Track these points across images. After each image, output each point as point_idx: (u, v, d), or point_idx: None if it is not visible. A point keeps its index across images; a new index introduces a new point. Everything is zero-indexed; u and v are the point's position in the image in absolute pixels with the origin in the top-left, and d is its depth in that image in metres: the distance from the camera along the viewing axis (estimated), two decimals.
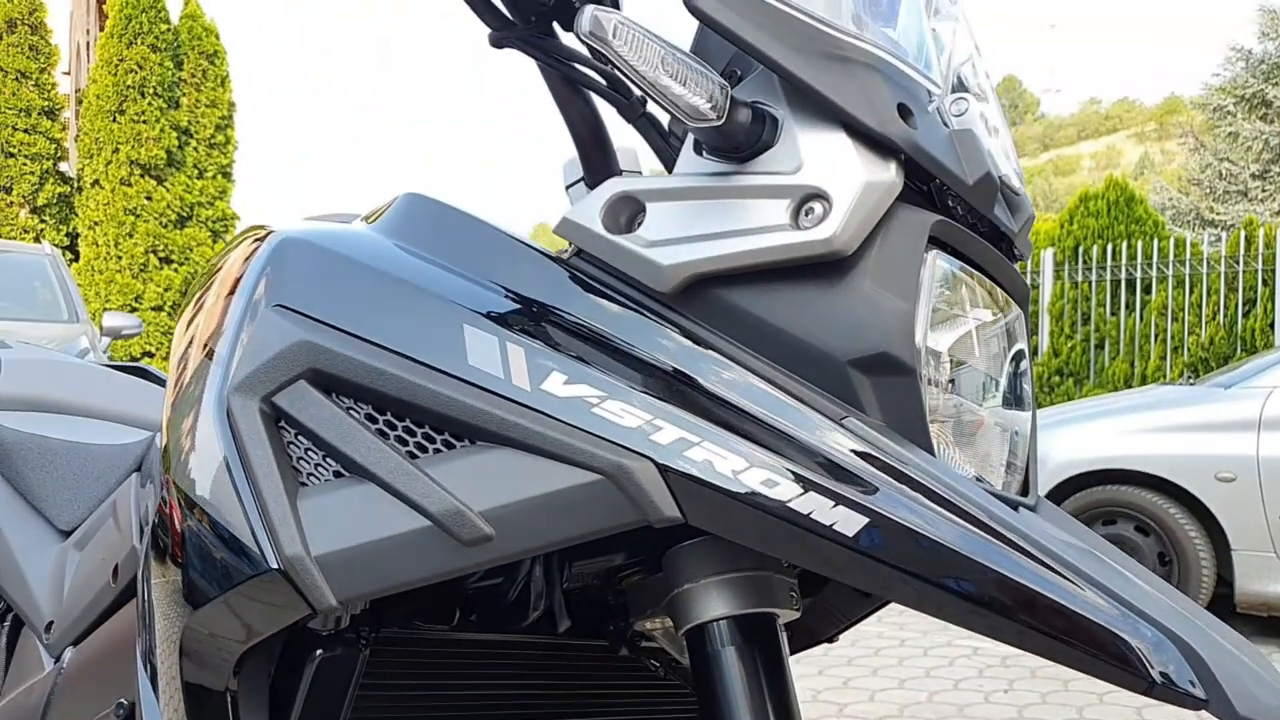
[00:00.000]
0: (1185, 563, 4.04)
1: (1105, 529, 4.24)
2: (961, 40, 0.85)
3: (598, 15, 0.60)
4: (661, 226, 0.68)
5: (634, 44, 0.60)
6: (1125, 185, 9.70)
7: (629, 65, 0.61)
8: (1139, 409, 4.49)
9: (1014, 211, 0.75)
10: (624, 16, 0.60)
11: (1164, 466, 4.11)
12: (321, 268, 0.73)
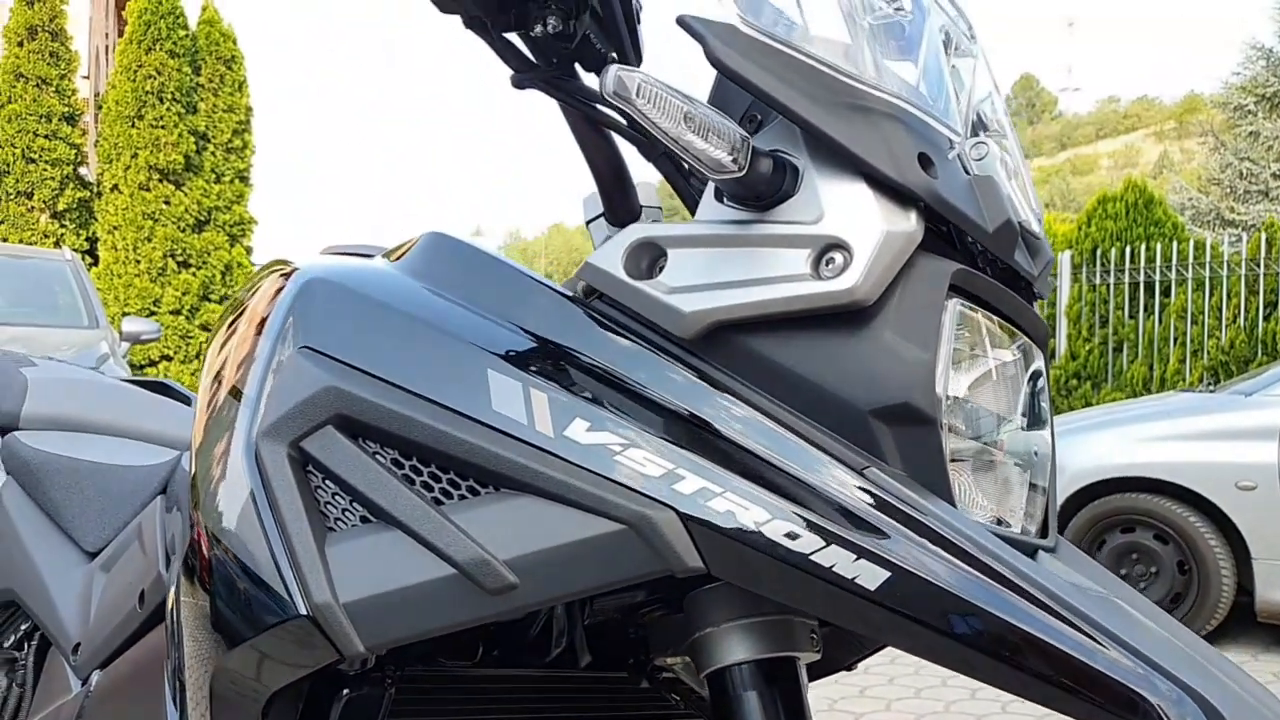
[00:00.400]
0: (1205, 572, 4.01)
1: (1124, 537, 4.22)
2: (980, 76, 0.85)
3: (621, 76, 0.61)
4: (683, 273, 0.69)
5: (656, 101, 0.61)
6: (1144, 187, 9.63)
7: (652, 123, 0.61)
8: (1158, 416, 4.46)
9: (1034, 255, 0.75)
10: (646, 75, 0.61)
11: (1184, 475, 4.08)
12: (347, 309, 0.74)
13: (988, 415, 0.71)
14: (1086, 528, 4.28)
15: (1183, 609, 4.07)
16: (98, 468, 1.37)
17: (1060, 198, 56.08)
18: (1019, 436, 0.73)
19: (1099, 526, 4.27)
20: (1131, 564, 4.22)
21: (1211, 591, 3.99)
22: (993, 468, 0.72)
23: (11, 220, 8.49)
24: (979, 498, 0.71)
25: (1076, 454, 4.37)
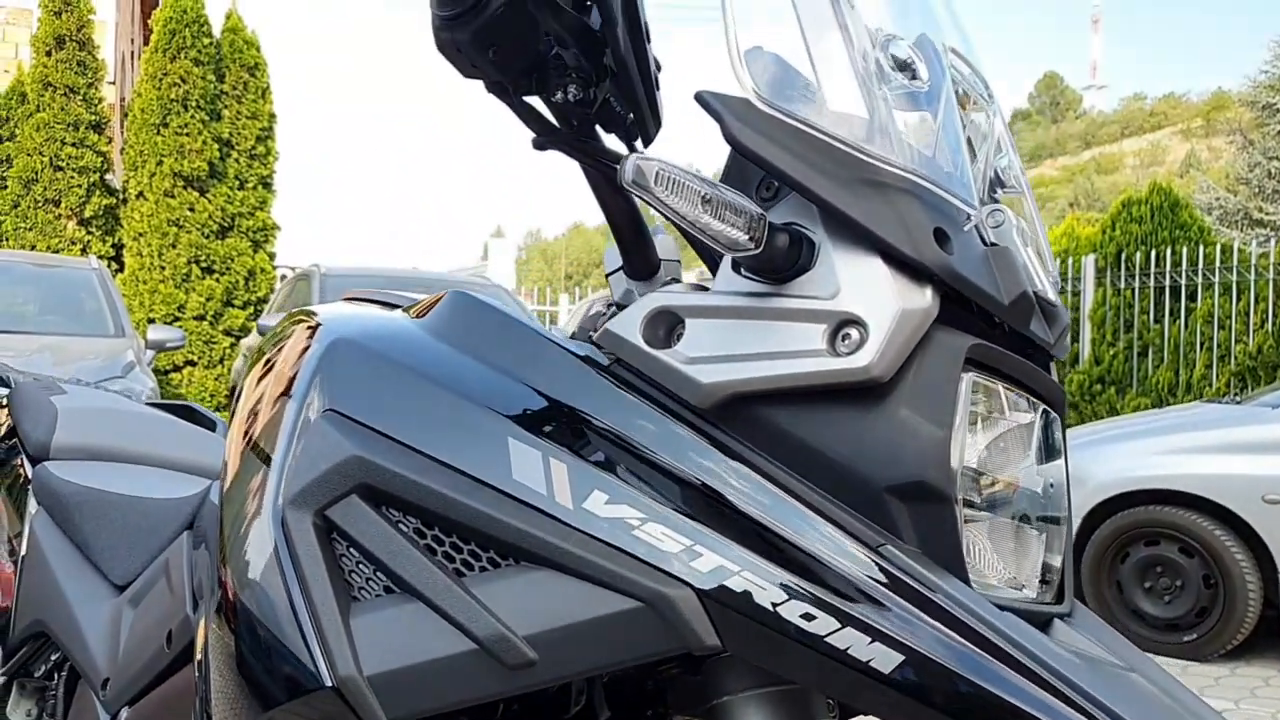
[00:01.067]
0: (1231, 586, 3.97)
1: (1148, 550, 4.19)
2: (998, 128, 0.85)
3: (639, 165, 0.61)
4: (701, 343, 0.69)
5: (674, 187, 0.62)
6: (1169, 190, 9.54)
7: (669, 209, 0.62)
8: (1183, 428, 4.42)
9: (1050, 322, 0.75)
10: (663, 162, 0.62)
11: (1209, 487, 4.04)
12: (373, 373, 0.76)
13: (1004, 482, 0.71)
14: (1110, 540, 4.25)
15: (1208, 623, 4.03)
16: (126, 500, 1.39)
17: (1085, 197, 55.61)
18: (1036, 500, 0.73)
19: (1123, 539, 4.24)
20: (1156, 577, 4.18)
21: (1238, 606, 3.95)
22: (1009, 531, 0.72)
23: (39, 227, 8.60)
24: (995, 560, 0.71)
25: (1100, 465, 4.33)
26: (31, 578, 1.40)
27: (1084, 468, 4.36)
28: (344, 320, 0.87)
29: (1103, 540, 4.27)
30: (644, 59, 0.76)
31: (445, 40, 0.77)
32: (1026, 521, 0.72)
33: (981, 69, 0.86)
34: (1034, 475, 0.73)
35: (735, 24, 0.70)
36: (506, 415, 0.71)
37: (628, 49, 0.73)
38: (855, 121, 0.68)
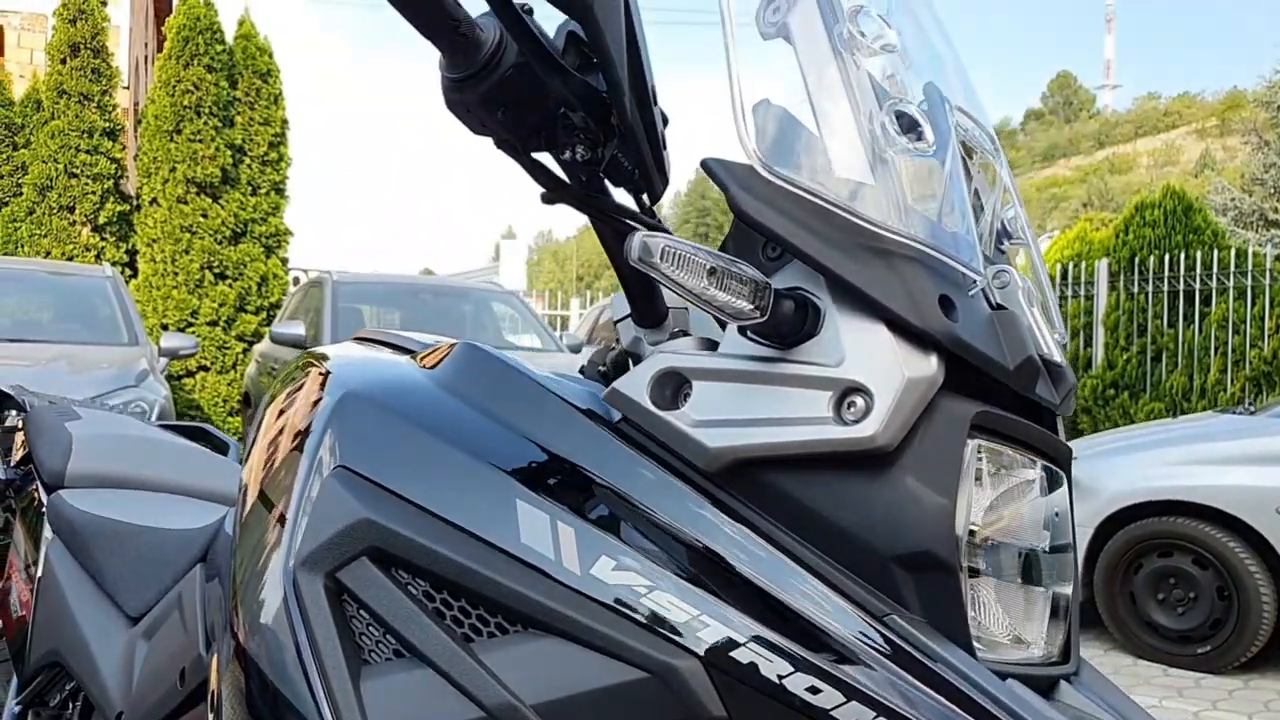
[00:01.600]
0: (1245, 598, 3.95)
1: (1161, 561, 4.17)
2: (1004, 179, 0.85)
3: (646, 242, 0.62)
4: (707, 406, 0.70)
5: (679, 262, 0.62)
6: (1183, 194, 9.49)
7: (675, 283, 0.62)
8: (1196, 439, 4.39)
9: (1056, 382, 0.75)
10: (669, 238, 0.62)
11: (1223, 499, 4.02)
12: (383, 429, 0.76)
13: (1010, 541, 0.71)
14: (1123, 551, 4.24)
15: (1222, 635, 4.01)
16: (139, 531, 1.40)
17: (1098, 197, 55.32)
18: (1042, 558, 0.73)
19: (1136, 550, 4.22)
20: (1170, 588, 4.16)
21: (1251, 618, 3.93)
22: (1016, 589, 0.72)
23: (54, 234, 8.65)
24: (1002, 615, 0.71)
25: (1113, 476, 4.32)
26: (47, 606, 1.41)
27: (1097, 478, 4.34)
28: (355, 370, 0.88)
29: (1116, 551, 4.25)
30: (650, 122, 0.76)
31: (454, 100, 0.78)
32: (1033, 580, 0.72)
33: (987, 121, 0.86)
34: (1040, 533, 0.73)
35: (740, 83, 0.71)
36: (515, 475, 0.71)
37: (634, 114, 0.74)
38: (861, 187, 0.68)
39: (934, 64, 0.86)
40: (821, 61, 0.73)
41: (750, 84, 0.78)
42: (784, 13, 0.76)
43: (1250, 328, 8.44)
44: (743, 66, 0.73)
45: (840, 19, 0.76)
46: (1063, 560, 0.75)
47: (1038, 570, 0.73)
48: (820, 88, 0.72)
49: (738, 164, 0.70)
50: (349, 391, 0.81)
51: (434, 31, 0.74)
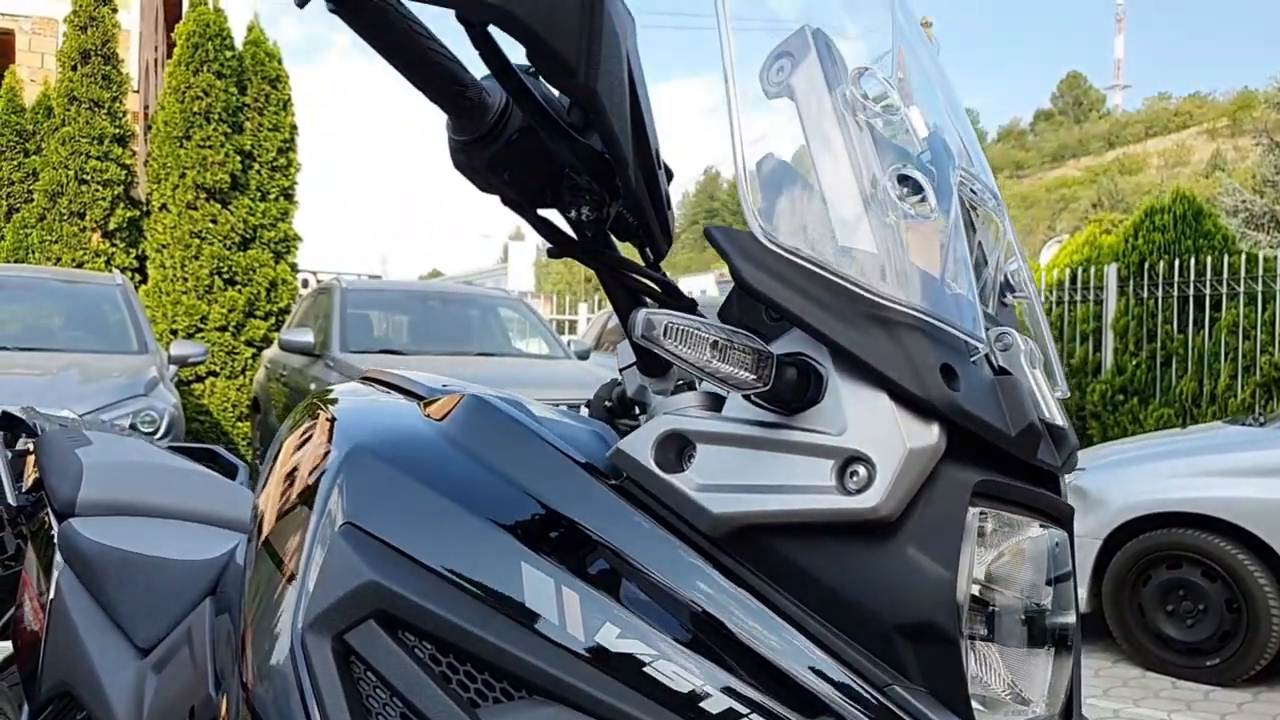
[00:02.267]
0: (1254, 610, 3.94)
1: (1170, 573, 4.16)
2: (1007, 232, 0.85)
3: (649, 318, 0.63)
4: (711, 469, 0.70)
5: (682, 338, 0.63)
6: (1193, 199, 9.45)
7: (679, 359, 0.63)
8: (1205, 450, 4.38)
9: (1058, 444, 0.75)
10: (671, 314, 0.63)
11: (1232, 511, 4.01)
12: (390, 487, 0.77)
13: (1012, 601, 0.71)
14: (1131, 563, 4.23)
15: (1231, 648, 4.00)
16: (150, 561, 1.41)
17: (1108, 198, 55.12)
18: (1045, 618, 0.74)
19: (1144, 562, 4.21)
20: (1178, 600, 4.15)
21: (1260, 630, 3.92)
22: (1019, 649, 0.72)
23: (64, 240, 8.69)
24: (1003, 673, 0.71)
25: (1121, 488, 4.31)
26: (58, 635, 1.42)
27: (1105, 490, 4.34)
28: (362, 421, 0.89)
29: (1124, 563, 4.25)
30: (655, 186, 0.77)
31: (461, 161, 0.79)
32: (1035, 640, 0.73)
33: (988, 174, 0.87)
34: (1042, 590, 0.74)
35: (743, 147, 0.71)
36: (520, 535, 0.72)
37: (638, 182, 0.74)
38: (863, 256, 0.68)
39: (937, 112, 0.87)
40: (824, 123, 0.74)
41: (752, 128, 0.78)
42: (787, 73, 0.77)
43: (1261, 333, 8.41)
44: (748, 120, 0.73)
45: (843, 80, 0.76)
46: (1065, 619, 0.75)
47: (1040, 627, 0.73)
48: (823, 149, 0.73)
49: (740, 231, 0.70)
50: (357, 445, 0.82)
51: (441, 97, 0.75)
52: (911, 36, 0.90)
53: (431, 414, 0.87)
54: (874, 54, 0.92)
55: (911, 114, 0.78)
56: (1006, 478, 0.70)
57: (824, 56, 0.77)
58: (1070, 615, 0.75)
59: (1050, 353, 0.81)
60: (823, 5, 0.92)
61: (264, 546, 0.87)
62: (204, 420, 8.67)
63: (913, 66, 0.88)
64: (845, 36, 0.92)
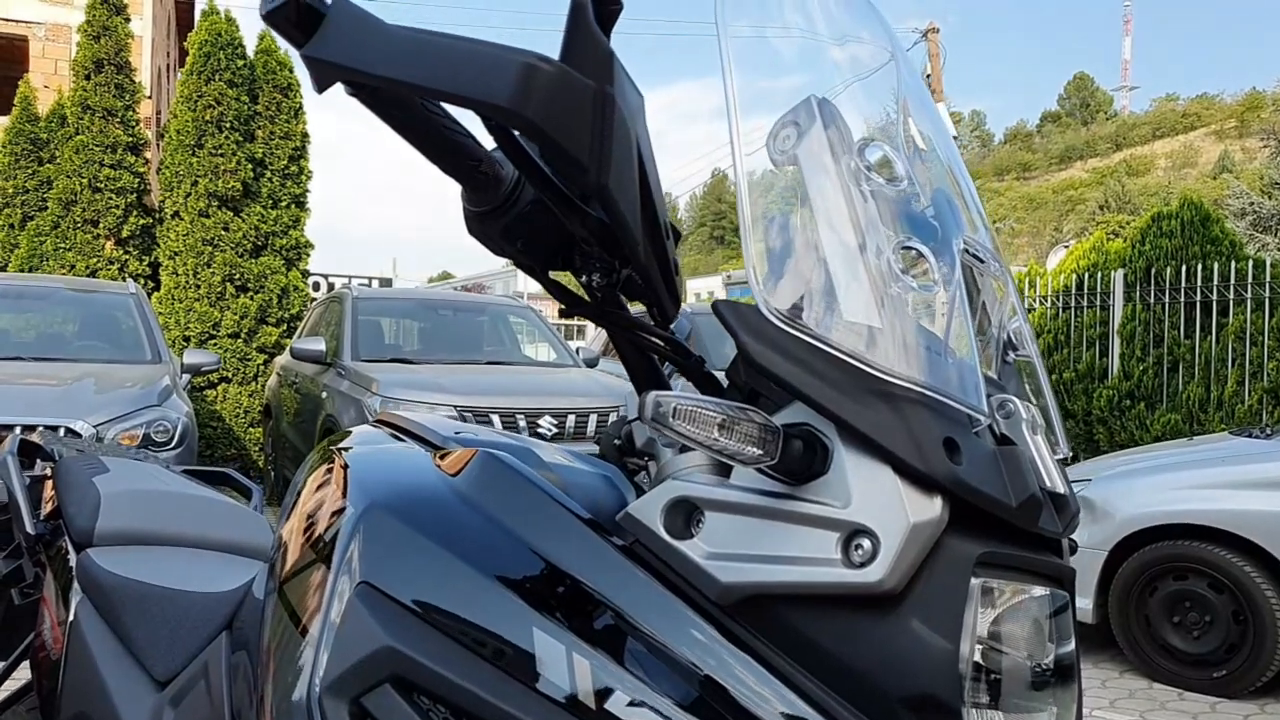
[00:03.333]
0: (1261, 622, 3.95)
1: (1176, 584, 4.17)
2: (1009, 293, 0.88)
3: (658, 401, 0.65)
4: (719, 537, 0.72)
5: (689, 418, 0.65)
6: (1200, 204, 9.44)
7: (688, 439, 0.66)
8: (1211, 462, 4.39)
9: (1059, 510, 0.77)
10: (680, 395, 0.66)
11: (1238, 523, 4.02)
12: (406, 548, 0.79)
13: (1016, 663, 0.73)
14: (1138, 574, 4.24)
15: (1237, 659, 4.01)
16: (167, 594, 1.43)
17: (1115, 199, 54.88)
18: (1048, 679, 0.75)
19: (1151, 573, 4.22)
20: (1185, 612, 4.17)
21: (1267, 642, 3.93)
22: (1022, 711, 0.73)
23: (78, 247, 8.75)
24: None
25: (1127, 499, 4.32)
26: (75, 666, 1.44)
27: (1111, 501, 4.35)
28: (378, 476, 0.91)
29: (1130, 574, 4.26)
30: (663, 256, 0.80)
31: (476, 229, 0.82)
32: (1038, 701, 0.74)
33: (990, 235, 0.89)
34: (1045, 646, 0.75)
35: (750, 227, 0.74)
36: (532, 599, 0.74)
37: (648, 255, 0.77)
38: (867, 330, 0.71)
39: (939, 173, 0.89)
40: (829, 193, 0.76)
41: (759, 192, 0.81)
42: (793, 143, 0.80)
43: (1268, 339, 8.39)
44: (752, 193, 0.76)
45: (849, 151, 0.79)
46: (1068, 681, 0.75)
47: (1044, 690, 0.74)
48: (828, 219, 0.76)
49: (747, 306, 0.73)
50: (373, 503, 0.84)
51: (455, 171, 0.78)
52: (915, 90, 0.93)
53: (445, 468, 0.90)
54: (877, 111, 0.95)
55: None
56: (1009, 545, 0.72)
57: (830, 126, 0.80)
58: (1072, 676, 0.76)
59: (1052, 410, 0.84)
60: (828, 66, 0.94)
61: (282, 597, 0.89)
62: (216, 426, 8.73)
63: (920, 113, 0.90)
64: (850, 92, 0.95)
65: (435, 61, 0.63)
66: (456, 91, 0.63)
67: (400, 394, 5.54)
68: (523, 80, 0.63)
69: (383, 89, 0.70)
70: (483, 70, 0.63)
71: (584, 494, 0.89)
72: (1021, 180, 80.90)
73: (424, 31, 0.65)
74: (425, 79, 0.63)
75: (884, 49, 0.93)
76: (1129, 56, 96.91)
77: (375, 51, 0.63)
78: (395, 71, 0.63)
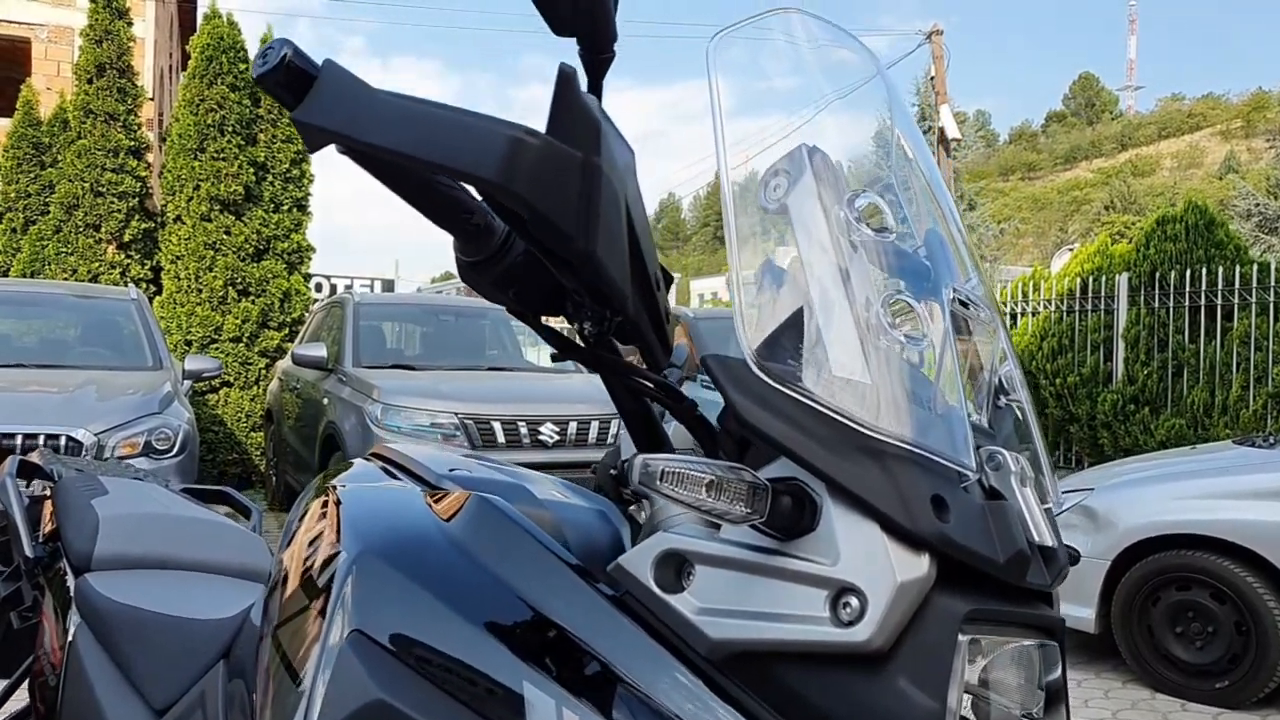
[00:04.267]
0: (1264, 633, 3.94)
1: (1179, 595, 4.16)
2: (1000, 338, 0.87)
3: (647, 464, 0.65)
4: (709, 591, 0.72)
5: (678, 480, 0.65)
6: (1205, 208, 9.43)
7: (674, 499, 0.65)
8: (1214, 472, 4.37)
9: (1048, 563, 0.77)
10: (668, 458, 0.65)
11: (1241, 533, 4.01)
12: (398, 596, 0.79)
13: (1005, 714, 0.73)
14: (1140, 584, 4.23)
15: (1240, 670, 4.00)
16: (164, 621, 1.43)
17: (1120, 199, 54.86)
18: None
19: (1153, 583, 4.21)
20: (1188, 622, 4.15)
21: (1270, 654, 3.92)
22: None
23: (80, 252, 8.77)
24: None
25: (1130, 509, 4.31)
26: (73, 693, 1.45)
27: (1114, 511, 4.34)
28: (372, 520, 0.91)
29: (1133, 584, 4.25)
30: (654, 308, 0.79)
31: (469, 277, 0.82)
32: None
33: (980, 279, 0.88)
34: (1035, 701, 0.75)
35: (741, 284, 0.74)
36: (524, 652, 0.74)
37: (638, 310, 0.76)
38: (856, 386, 0.71)
39: (929, 209, 0.89)
40: (819, 244, 0.76)
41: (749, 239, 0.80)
42: (783, 191, 0.79)
43: (1273, 344, 8.38)
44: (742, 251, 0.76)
45: (840, 201, 0.78)
46: (1055, 703, 0.76)
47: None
48: (817, 271, 0.75)
49: (735, 362, 0.73)
50: (366, 548, 0.84)
51: (447, 223, 0.78)
52: (909, 132, 0.92)
53: (439, 511, 0.90)
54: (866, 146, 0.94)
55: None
56: (997, 600, 0.71)
57: (820, 175, 0.79)
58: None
59: (1041, 458, 0.83)
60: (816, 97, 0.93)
61: (275, 641, 0.89)
62: (218, 431, 8.74)
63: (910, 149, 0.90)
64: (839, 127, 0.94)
65: (423, 131, 0.64)
66: (444, 163, 0.64)
67: (401, 401, 5.54)
68: (510, 155, 0.64)
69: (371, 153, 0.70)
70: (470, 143, 0.64)
71: (578, 532, 0.89)
72: (1026, 180, 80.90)
73: (412, 100, 0.65)
74: (413, 148, 0.64)
75: (871, 73, 0.92)
76: (1134, 56, 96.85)
77: (364, 118, 0.64)
78: (384, 139, 0.64)
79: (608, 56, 0.77)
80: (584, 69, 0.77)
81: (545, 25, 0.75)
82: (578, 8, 0.73)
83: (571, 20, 0.74)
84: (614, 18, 0.76)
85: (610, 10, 0.75)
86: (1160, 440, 8.63)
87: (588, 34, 0.75)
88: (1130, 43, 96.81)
